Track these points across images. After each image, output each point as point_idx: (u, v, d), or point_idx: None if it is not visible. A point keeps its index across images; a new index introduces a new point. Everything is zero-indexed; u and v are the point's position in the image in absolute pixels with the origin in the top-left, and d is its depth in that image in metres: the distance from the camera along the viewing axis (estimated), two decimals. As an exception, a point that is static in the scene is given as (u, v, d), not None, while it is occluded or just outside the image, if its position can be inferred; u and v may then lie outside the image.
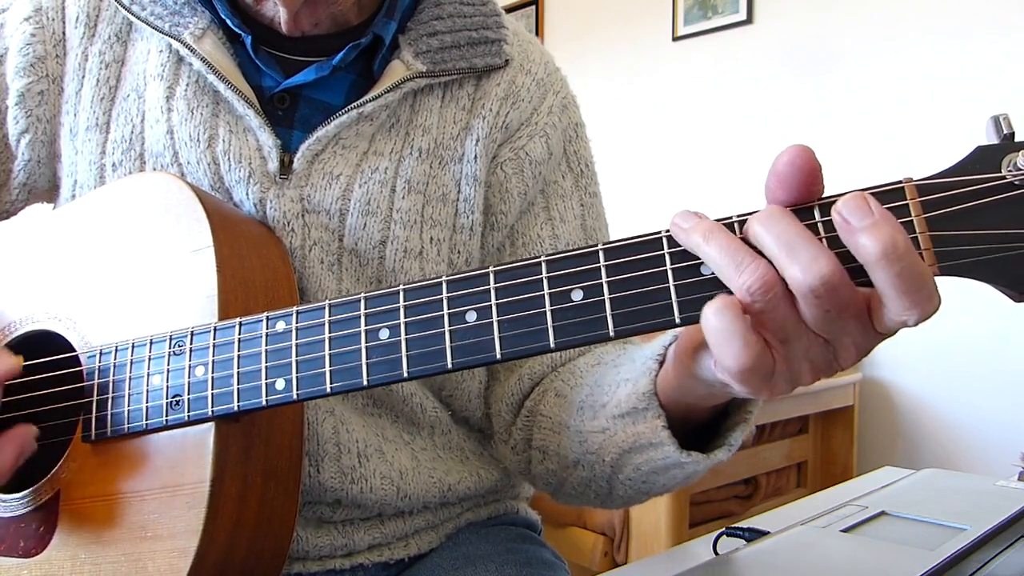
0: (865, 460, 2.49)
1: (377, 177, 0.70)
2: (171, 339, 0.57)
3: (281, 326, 0.54)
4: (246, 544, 0.58)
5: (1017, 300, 0.41)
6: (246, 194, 0.68)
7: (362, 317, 0.51)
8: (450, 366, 0.48)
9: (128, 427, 0.58)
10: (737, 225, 0.43)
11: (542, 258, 0.47)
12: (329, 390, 0.52)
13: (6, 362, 0.58)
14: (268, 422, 0.59)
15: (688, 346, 0.49)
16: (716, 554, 0.76)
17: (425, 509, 0.75)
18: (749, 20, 2.83)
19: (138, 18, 0.71)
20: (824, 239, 0.42)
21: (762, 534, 0.77)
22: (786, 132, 2.71)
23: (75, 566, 0.59)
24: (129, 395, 0.58)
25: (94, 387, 0.60)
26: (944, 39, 2.37)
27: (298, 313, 0.54)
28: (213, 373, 0.55)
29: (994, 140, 0.42)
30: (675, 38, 3.04)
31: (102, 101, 0.73)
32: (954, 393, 2.38)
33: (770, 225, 0.42)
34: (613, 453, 0.60)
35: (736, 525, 0.81)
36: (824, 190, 0.43)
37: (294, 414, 0.61)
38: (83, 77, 0.74)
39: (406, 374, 0.50)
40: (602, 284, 0.46)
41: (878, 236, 0.39)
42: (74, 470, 0.61)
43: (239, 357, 0.55)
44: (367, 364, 0.51)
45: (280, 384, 0.53)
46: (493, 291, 0.48)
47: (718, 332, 0.41)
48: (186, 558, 0.54)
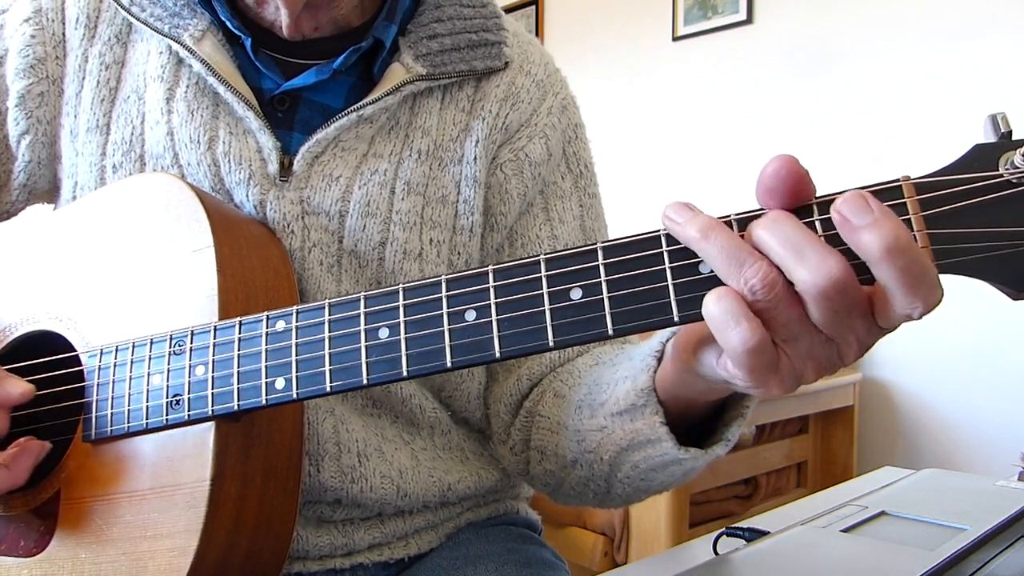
0: (865, 460, 2.49)
1: (377, 179, 0.70)
2: (171, 339, 0.57)
3: (281, 325, 0.54)
4: (246, 543, 0.58)
5: (1015, 298, 0.41)
6: (246, 196, 0.68)
7: (362, 316, 0.51)
8: (449, 365, 0.48)
9: (128, 427, 0.58)
10: (735, 224, 0.43)
11: (541, 257, 0.47)
12: (329, 389, 0.52)
13: (20, 386, 0.60)
14: (268, 422, 0.59)
15: (687, 342, 0.49)
16: (716, 554, 0.77)
17: (425, 509, 0.75)
18: (749, 20, 2.83)
19: (138, 19, 0.71)
20: (822, 238, 0.42)
21: (762, 534, 0.77)
22: (786, 132, 2.71)
23: (75, 565, 0.59)
24: (129, 395, 0.58)
25: (94, 387, 0.60)
26: (944, 39, 2.37)
27: (298, 312, 0.54)
28: (213, 372, 0.55)
29: (992, 138, 0.42)
30: (675, 38, 3.04)
31: (102, 103, 0.73)
32: (954, 393, 2.38)
33: (775, 229, 0.41)
34: (611, 451, 0.60)
35: (736, 525, 0.81)
36: (815, 192, 0.43)
37: (294, 414, 0.61)
38: (83, 78, 0.74)
39: (405, 373, 0.50)
40: (601, 283, 0.46)
41: (880, 233, 0.39)
42: (74, 469, 0.61)
43: (239, 356, 0.55)
44: (367, 363, 0.51)
45: (280, 383, 0.53)
46: (492, 290, 0.48)
47: (720, 317, 0.41)
48: (186, 557, 0.54)
